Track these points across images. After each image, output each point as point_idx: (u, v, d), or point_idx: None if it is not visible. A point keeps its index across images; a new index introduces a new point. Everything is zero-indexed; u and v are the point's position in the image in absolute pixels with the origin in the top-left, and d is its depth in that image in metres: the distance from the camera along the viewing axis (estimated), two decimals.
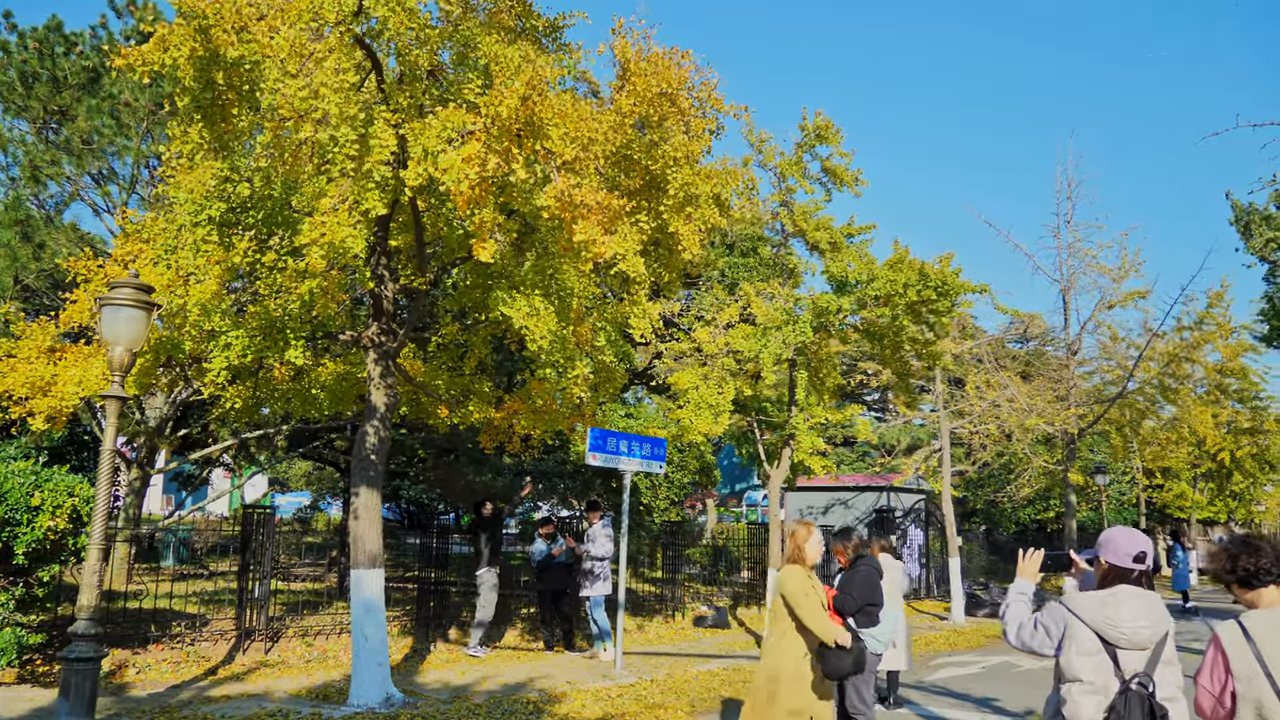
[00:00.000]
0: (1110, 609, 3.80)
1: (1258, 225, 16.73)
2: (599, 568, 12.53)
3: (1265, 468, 39.88)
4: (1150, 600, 3.81)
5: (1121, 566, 3.88)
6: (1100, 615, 3.80)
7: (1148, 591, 3.84)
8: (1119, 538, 3.95)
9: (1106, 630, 3.77)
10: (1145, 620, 3.75)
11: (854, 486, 24.13)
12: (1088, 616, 3.82)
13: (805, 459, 14.04)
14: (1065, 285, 25.50)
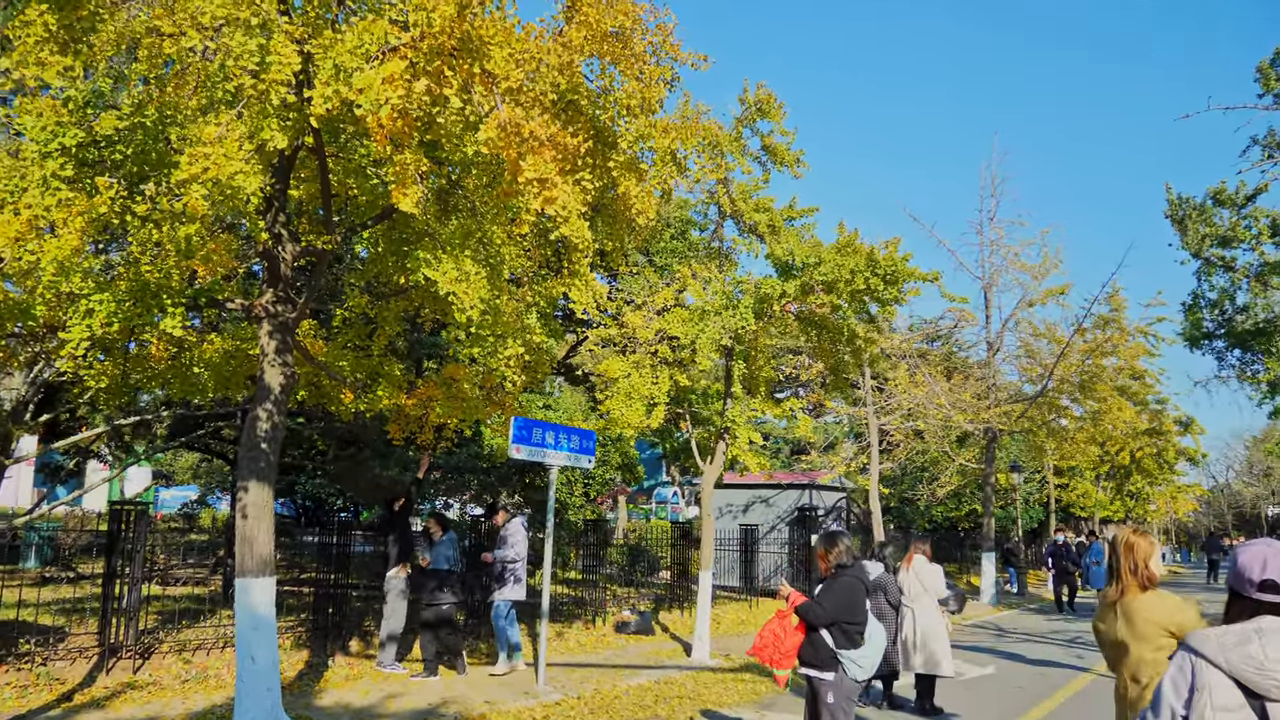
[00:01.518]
0: (1254, 647, 2.85)
1: (1193, 221, 16.48)
2: (512, 570, 11.33)
3: (1163, 467, 40.89)
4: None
5: (1248, 597, 2.96)
6: (1243, 657, 2.85)
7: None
8: (1245, 557, 3.03)
9: (1253, 678, 2.83)
10: None
11: (776, 484, 23.42)
12: (1224, 660, 2.87)
13: (742, 455, 13.13)
14: (988, 282, 25.32)
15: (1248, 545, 3.00)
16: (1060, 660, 13.69)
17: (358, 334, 9.97)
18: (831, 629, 6.04)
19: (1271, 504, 77.90)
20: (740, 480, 24.19)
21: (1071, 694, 11.13)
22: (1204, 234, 16.29)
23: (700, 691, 10.91)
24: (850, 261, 11.68)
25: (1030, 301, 24.82)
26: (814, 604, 6.09)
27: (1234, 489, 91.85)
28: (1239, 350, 17.74)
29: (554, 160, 5.43)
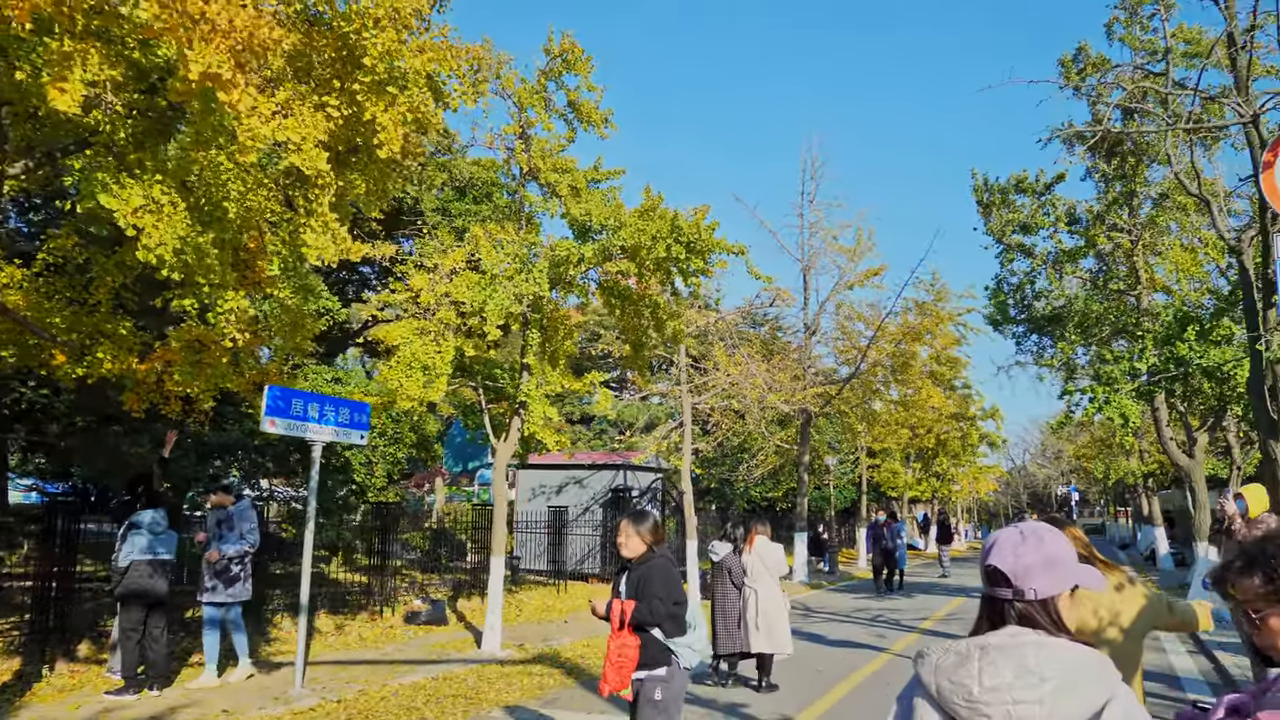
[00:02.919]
0: (969, 670, 2.06)
1: (997, 207, 16.68)
2: (237, 566, 9.75)
3: (967, 450, 42.70)
4: (1048, 654, 2.06)
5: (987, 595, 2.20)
6: (955, 684, 2.07)
7: (1051, 639, 2.08)
8: (997, 538, 2.25)
9: (961, 713, 2.05)
10: (1026, 691, 1.98)
11: (590, 465, 22.74)
12: (935, 686, 2.09)
13: (538, 431, 12.25)
14: (806, 264, 25.37)
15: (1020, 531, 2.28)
16: (860, 640, 13.51)
17: (73, 285, 8.48)
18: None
19: (1061, 484, 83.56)
20: (553, 460, 23.37)
21: (867, 675, 10.83)
22: (1006, 219, 16.51)
23: (480, 688, 10.00)
24: (653, 227, 10.96)
25: (849, 284, 25.02)
26: (647, 604, 5.28)
27: (1029, 470, 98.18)
28: (1036, 335, 18.18)
29: (231, 53, 4.33)
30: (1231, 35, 9.37)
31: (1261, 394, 9.17)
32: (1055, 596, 2.08)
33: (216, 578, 9.57)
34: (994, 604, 2.09)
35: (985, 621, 2.10)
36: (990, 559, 2.11)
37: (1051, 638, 1.98)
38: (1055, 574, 2.08)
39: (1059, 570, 2.09)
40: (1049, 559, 2.08)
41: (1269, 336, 8.75)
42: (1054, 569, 2.09)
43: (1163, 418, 16.25)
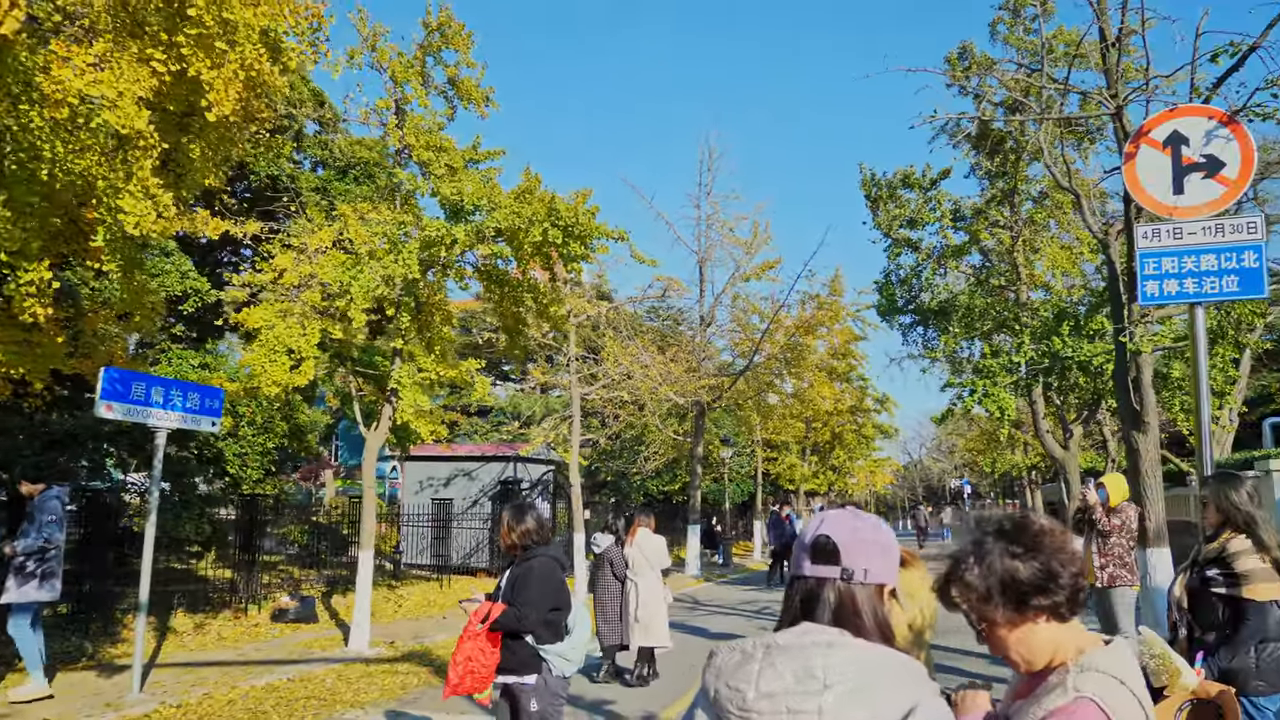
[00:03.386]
0: (747, 673, 1.78)
1: (884, 201, 16.76)
2: (43, 561, 8.68)
3: (863, 442, 43.40)
4: (840, 656, 1.85)
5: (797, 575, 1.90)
6: (731, 689, 1.79)
7: (847, 639, 1.80)
8: (828, 514, 1.97)
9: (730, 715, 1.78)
10: (803, 699, 1.67)
11: (479, 456, 22.25)
12: (714, 689, 1.81)
13: (411, 420, 11.77)
14: (702, 256, 25.28)
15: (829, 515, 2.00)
16: (743, 633, 13.36)
17: None
18: None
19: (954, 477, 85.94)
20: (441, 452, 22.82)
21: None
22: (893, 214, 16.59)
23: (338, 689, 9.53)
24: (529, 210, 10.59)
25: (744, 276, 25.02)
26: (516, 609, 4.90)
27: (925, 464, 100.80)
28: (923, 328, 18.37)
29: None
30: (1102, 31, 9.46)
31: (1126, 386, 9.29)
32: (883, 586, 1.82)
33: (15, 575, 8.57)
34: (810, 588, 1.79)
35: (797, 611, 1.80)
36: (822, 529, 1.83)
37: (848, 637, 1.69)
38: (889, 561, 1.83)
39: (891, 560, 1.84)
40: (885, 545, 1.83)
41: (1132, 329, 8.85)
42: (888, 556, 1.84)
43: (1039, 411, 16.58)
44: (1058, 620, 1.83)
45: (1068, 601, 1.82)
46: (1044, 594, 1.81)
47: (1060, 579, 1.81)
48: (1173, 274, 6.98)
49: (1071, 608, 1.83)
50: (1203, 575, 4.50)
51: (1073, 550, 1.84)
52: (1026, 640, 1.84)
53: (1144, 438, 9.10)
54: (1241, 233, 6.86)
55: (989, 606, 1.84)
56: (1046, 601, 1.81)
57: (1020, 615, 1.83)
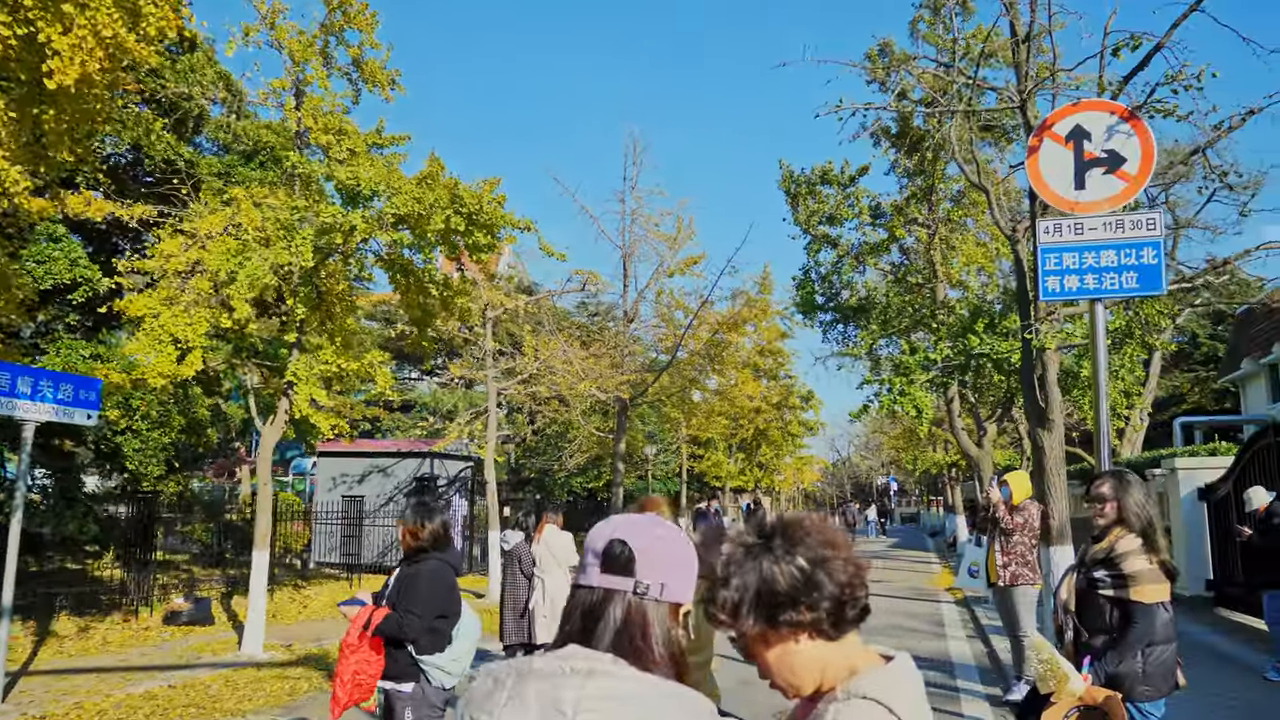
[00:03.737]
0: (491, 705, 1.51)
1: (803, 197, 16.66)
2: None
3: (788, 439, 43.61)
4: (598, 688, 1.56)
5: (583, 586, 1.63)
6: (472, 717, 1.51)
7: (613, 668, 1.53)
8: (623, 519, 1.70)
9: None
10: None
11: (394, 452, 21.71)
12: (464, 714, 1.53)
13: (310, 414, 11.30)
14: (626, 251, 25.01)
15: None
16: None
17: None
18: None
19: (881, 474, 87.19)
20: (354, 448, 22.25)
21: None
22: (812, 209, 16.51)
23: (221, 696, 9.06)
24: (431, 196, 10.20)
25: (669, 271, 24.81)
26: (399, 615, 4.54)
27: (853, 461, 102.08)
28: (842, 325, 18.34)
29: None
30: (1012, 26, 9.40)
31: (1032, 383, 9.24)
32: (679, 607, 1.56)
33: None
34: (594, 602, 1.51)
35: (574, 628, 1.52)
36: (617, 532, 1.54)
37: (621, 666, 1.43)
38: (687, 579, 1.57)
39: (690, 577, 1.58)
40: (687, 560, 1.58)
41: (1037, 325, 8.80)
42: (688, 572, 1.57)
43: (955, 409, 16.68)
44: (823, 638, 1.55)
45: (830, 616, 1.54)
46: (797, 607, 1.50)
47: (822, 589, 1.52)
48: (1073, 269, 6.90)
49: (838, 623, 1.55)
50: (1090, 576, 4.35)
51: (847, 558, 1.57)
52: (787, 661, 1.56)
53: (1049, 435, 9.05)
54: (1141, 229, 6.80)
55: (742, 621, 1.56)
56: (802, 617, 1.51)
57: (774, 631, 1.56)
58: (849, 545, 1.58)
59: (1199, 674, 8.92)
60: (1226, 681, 8.67)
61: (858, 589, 1.54)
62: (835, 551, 1.54)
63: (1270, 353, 29.72)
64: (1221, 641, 10.84)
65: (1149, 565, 4.16)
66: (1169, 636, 4.24)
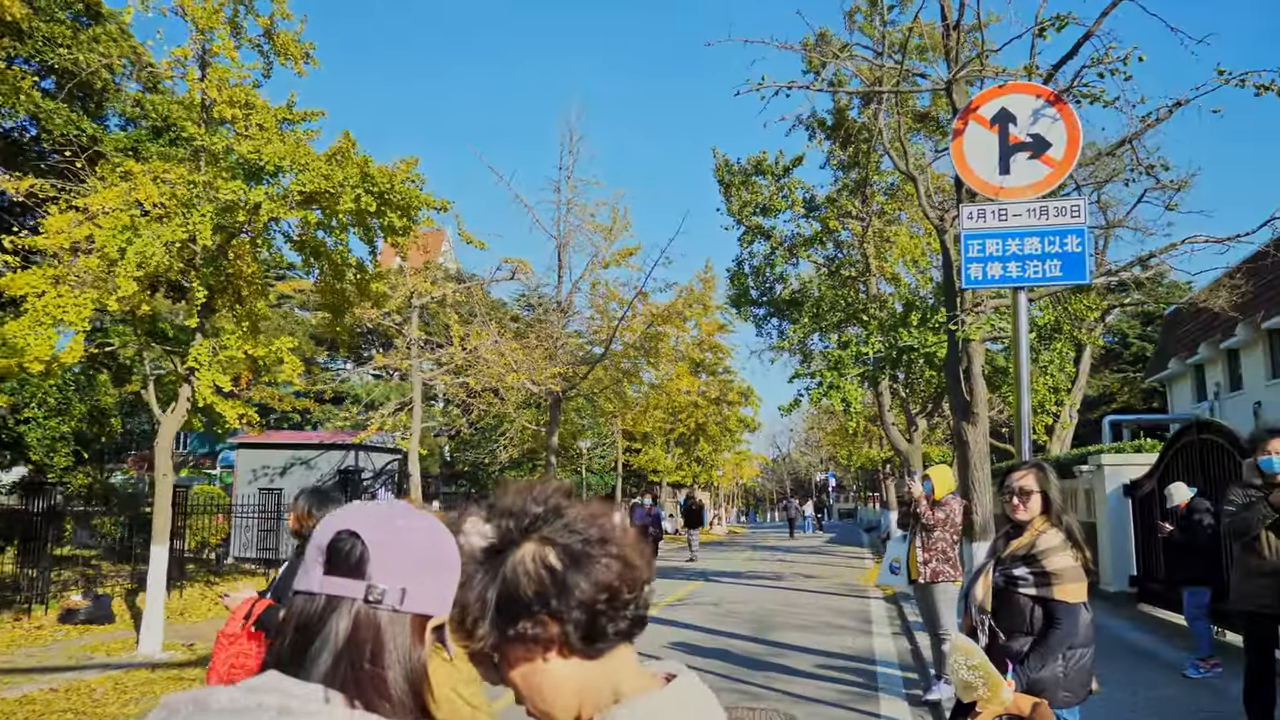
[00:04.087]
0: None
1: (736, 187, 16.41)
2: None
3: (726, 435, 43.55)
4: None
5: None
6: None
7: (325, 708, 1.18)
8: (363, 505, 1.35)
9: None
10: None
11: (316, 444, 21.05)
12: None
13: (215, 402, 10.72)
14: (562, 241, 24.62)
15: None
16: None
17: None
18: None
19: (820, 470, 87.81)
20: (275, 439, 21.57)
21: None
22: (745, 200, 16.26)
23: (106, 701, 8.51)
24: (341, 174, 9.70)
25: (604, 263, 24.45)
26: (281, 606, 4.09)
27: (793, 458, 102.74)
28: (776, 319, 18.16)
29: None
30: (943, 10, 9.21)
31: (957, 376, 9.07)
32: (426, 620, 1.19)
33: None
34: (312, 612, 1.15)
35: (284, 646, 1.15)
36: (346, 523, 1.18)
37: (333, 706, 1.07)
38: (442, 583, 1.19)
39: (447, 581, 1.20)
40: (441, 559, 1.21)
41: (962, 316, 8.61)
42: (443, 575, 1.20)
43: (885, 403, 16.57)
44: (577, 655, 1.19)
45: (582, 628, 1.18)
46: (538, 616, 1.14)
47: (571, 595, 1.17)
48: (997, 257, 6.68)
49: (592, 637, 1.19)
50: (1008, 574, 4.08)
51: (616, 556, 1.21)
52: (535, 684, 1.19)
53: (973, 429, 8.88)
54: (1065, 216, 6.60)
55: (479, 632, 1.20)
56: (546, 630, 1.15)
57: (517, 646, 1.19)
58: (627, 541, 1.22)
59: (1120, 671, 8.83)
60: (1146, 678, 8.57)
61: (621, 594, 1.18)
62: (601, 548, 1.19)
63: (1196, 353, 30.30)
64: (1143, 638, 10.80)
65: (1073, 562, 3.92)
66: (1089, 639, 4.01)
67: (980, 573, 4.25)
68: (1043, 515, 4.04)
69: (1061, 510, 4.02)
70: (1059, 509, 4.02)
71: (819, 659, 10.24)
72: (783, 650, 10.87)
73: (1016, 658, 3.95)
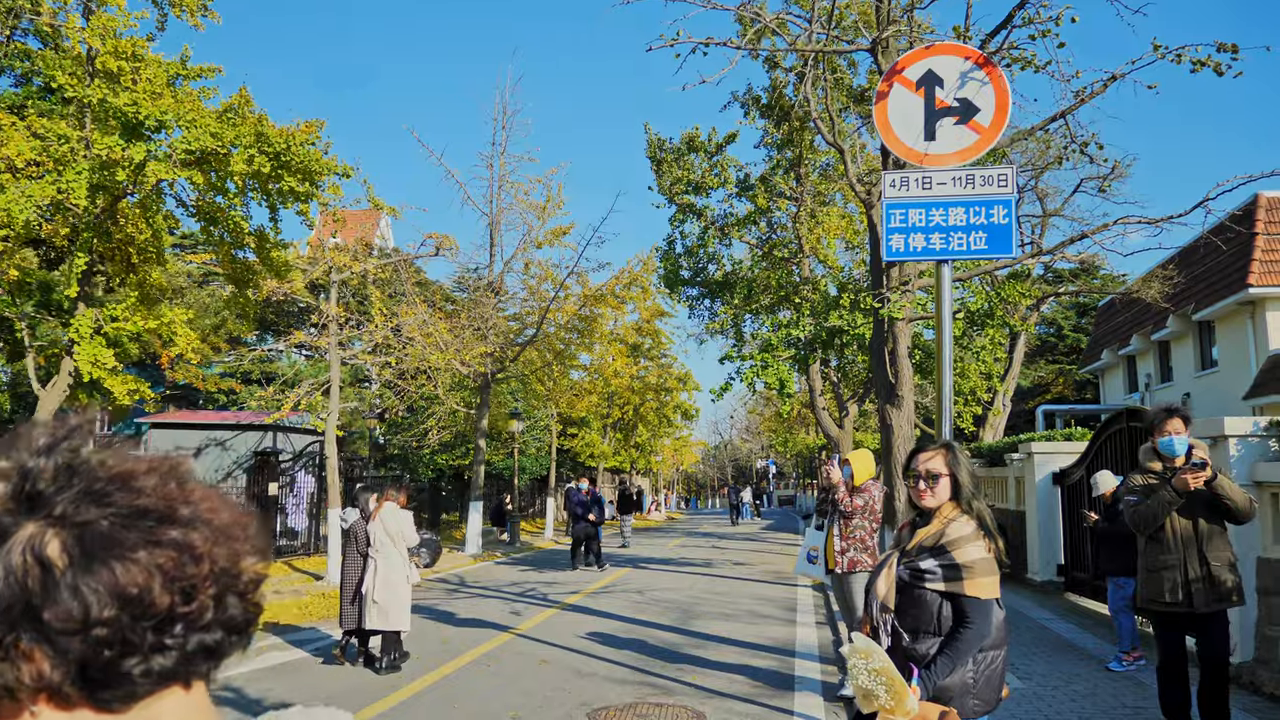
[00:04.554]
0: None
1: (668, 164, 15.92)
2: None
3: (664, 421, 43.20)
4: None
5: None
6: None
7: None
8: None
9: None
10: None
11: (232, 425, 20.20)
12: None
13: (102, 377, 9.98)
14: (494, 219, 24.00)
15: None
16: (491, 619, 12.28)
17: None
18: None
19: (760, 457, 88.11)
20: (189, 419, 20.70)
21: (471, 660, 9.53)
22: (677, 177, 15.78)
23: None
24: (232, 133, 9.01)
25: (537, 242, 23.85)
26: None
27: (735, 444, 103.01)
28: (709, 300, 17.73)
29: None
30: None
31: (882, 357, 8.70)
32: None
33: None
34: None
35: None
36: None
37: None
38: None
39: None
40: None
41: (887, 294, 8.23)
42: None
43: (817, 388, 16.25)
44: (85, 708, 0.69)
45: (81, 665, 0.68)
46: (6, 647, 0.67)
47: (65, 610, 0.67)
48: (920, 227, 6.27)
49: (101, 681, 0.69)
50: (914, 567, 3.64)
51: (170, 541, 0.70)
52: None
53: (897, 412, 8.52)
54: (992, 185, 6.21)
55: None
56: (16, 671, 0.67)
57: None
58: (203, 514, 0.72)
59: (1044, 663, 8.55)
60: (1070, 671, 8.30)
61: (160, 605, 0.68)
62: (145, 529, 0.69)
63: (1129, 344, 30.58)
64: (1069, 629, 10.58)
65: (985, 554, 3.49)
66: (1002, 639, 3.59)
67: (883, 566, 3.80)
68: (952, 502, 3.61)
69: (972, 496, 3.60)
70: (969, 494, 3.60)
71: (738, 650, 9.86)
72: (702, 641, 10.46)
73: (922, 661, 3.51)
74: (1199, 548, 5.57)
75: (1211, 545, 5.58)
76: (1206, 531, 5.59)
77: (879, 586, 3.77)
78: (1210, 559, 5.55)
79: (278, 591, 15.25)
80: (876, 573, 3.82)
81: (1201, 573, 5.54)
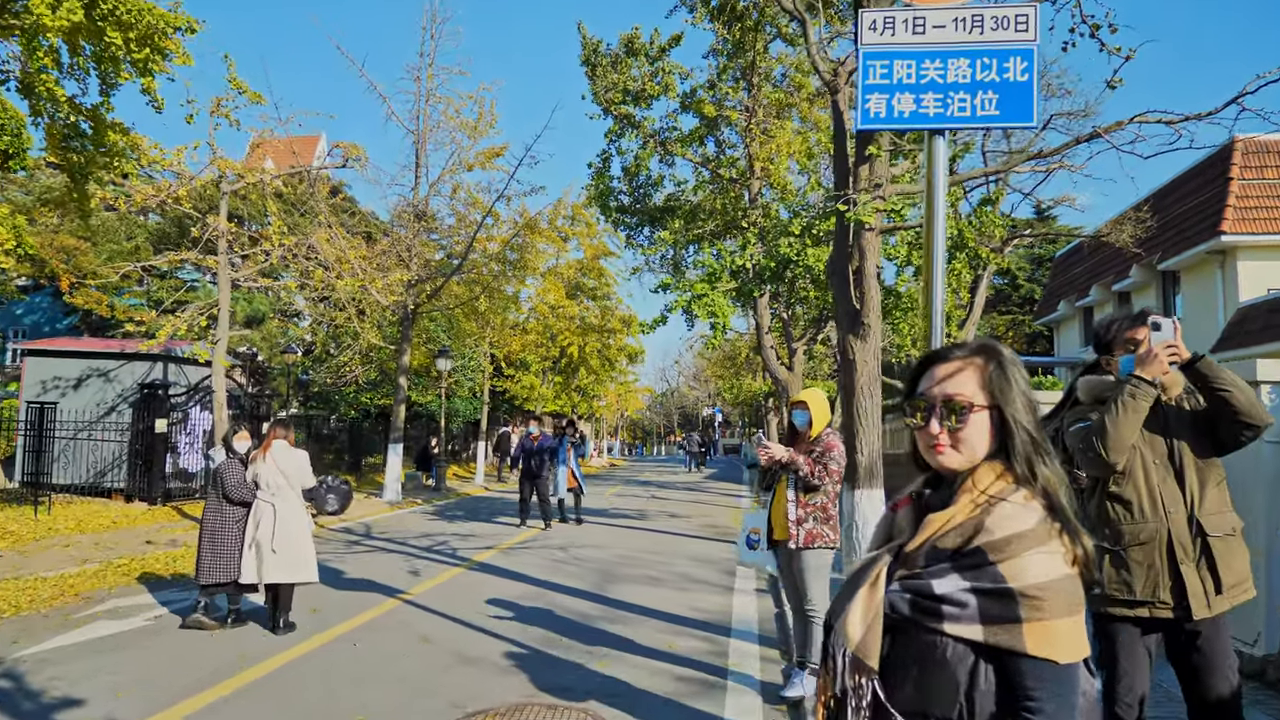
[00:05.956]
0: None
1: (604, 69, 14.03)
2: None
3: (607, 365, 41.55)
4: None
5: None
6: None
7: None
8: None
9: None
10: None
11: (117, 353, 18.12)
12: None
13: None
14: (420, 138, 21.93)
15: None
16: (381, 581, 10.61)
17: None
18: None
19: (708, 405, 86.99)
20: (68, 345, 18.59)
21: (336, 636, 7.85)
22: (612, 83, 13.90)
23: None
24: None
25: (467, 164, 21.84)
26: None
27: (682, 392, 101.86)
28: (649, 228, 15.97)
29: None
30: None
31: (846, 276, 7.06)
32: None
33: None
34: None
35: None
36: None
37: None
38: None
39: None
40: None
41: (854, 195, 6.56)
42: None
43: (764, 325, 14.63)
44: None
45: None
46: None
47: None
48: (908, 85, 4.59)
49: None
50: (921, 589, 1.87)
51: None
52: None
53: (862, 345, 6.92)
54: (1009, 30, 4.55)
55: None
56: None
57: None
58: None
59: None
60: None
61: None
62: None
63: (1088, 295, 29.51)
64: None
65: (1065, 569, 1.65)
66: None
67: (858, 583, 1.85)
68: (997, 461, 1.82)
69: (1034, 452, 1.78)
70: (1029, 448, 1.78)
71: (663, 627, 8.31)
72: (623, 613, 8.91)
73: None
74: (1188, 508, 3.53)
75: (1206, 504, 3.54)
76: (1197, 483, 3.56)
77: (850, 623, 1.82)
78: (1207, 527, 3.51)
79: (150, 542, 13.44)
80: (845, 597, 1.88)
81: (1196, 550, 3.49)
